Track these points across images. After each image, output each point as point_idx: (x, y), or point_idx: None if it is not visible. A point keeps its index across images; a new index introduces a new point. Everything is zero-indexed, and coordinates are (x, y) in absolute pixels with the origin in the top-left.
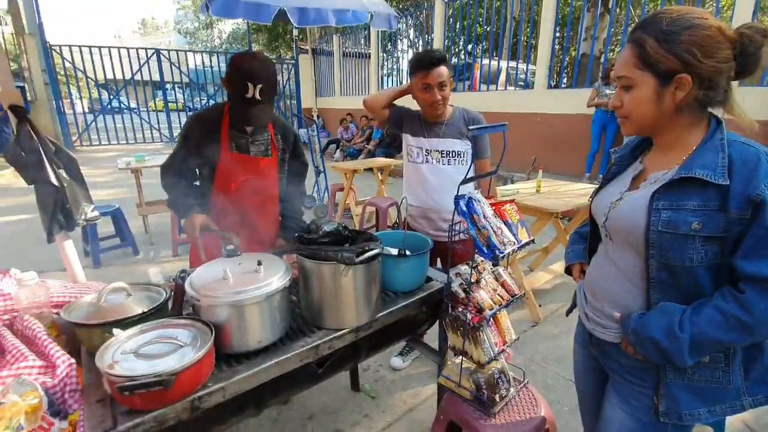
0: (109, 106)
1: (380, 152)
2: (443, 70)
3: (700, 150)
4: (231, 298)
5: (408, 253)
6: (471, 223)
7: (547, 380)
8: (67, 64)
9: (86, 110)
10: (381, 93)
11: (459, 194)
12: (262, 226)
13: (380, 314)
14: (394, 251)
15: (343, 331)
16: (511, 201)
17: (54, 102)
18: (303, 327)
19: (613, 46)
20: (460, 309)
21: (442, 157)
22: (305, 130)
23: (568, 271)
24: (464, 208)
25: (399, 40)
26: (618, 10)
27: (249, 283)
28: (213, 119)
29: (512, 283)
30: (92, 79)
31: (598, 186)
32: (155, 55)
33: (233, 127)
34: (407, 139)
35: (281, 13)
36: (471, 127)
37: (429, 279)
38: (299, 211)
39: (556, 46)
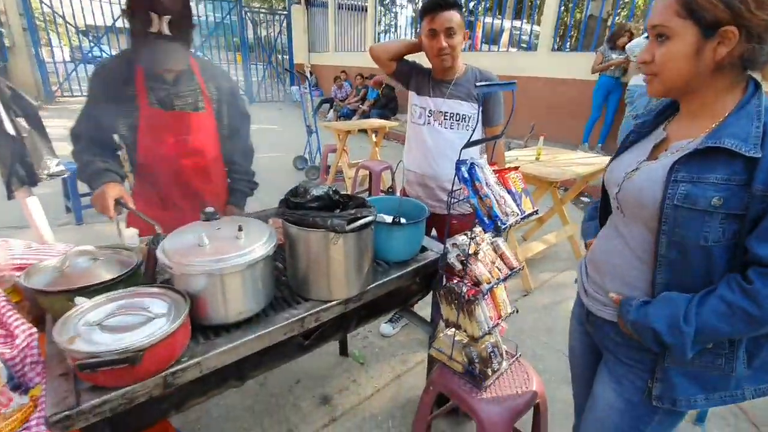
0: (90, 55)
1: (375, 113)
2: (453, 15)
3: (732, 117)
4: (208, 266)
5: (403, 221)
6: (472, 190)
7: (537, 350)
8: (46, 9)
9: (67, 59)
10: (391, 42)
11: (461, 159)
12: (209, 193)
13: (371, 285)
14: (389, 219)
15: (332, 303)
16: (516, 168)
17: (33, 49)
18: (288, 297)
19: (620, 9)
20: (456, 281)
21: (445, 119)
22: (297, 87)
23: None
24: (466, 175)
25: None
26: None
27: (228, 250)
28: (121, 69)
29: (511, 256)
30: (72, 25)
31: (614, 154)
32: None
33: (148, 76)
34: (412, 98)
35: None
36: (478, 84)
37: (424, 249)
38: (248, 172)
39: (562, 7)
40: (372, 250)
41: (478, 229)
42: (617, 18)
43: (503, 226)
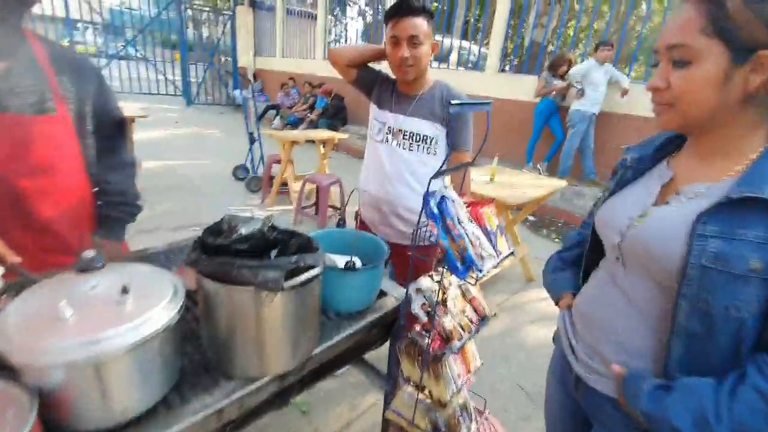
0: None
1: (323, 123)
2: (419, 22)
3: (765, 160)
4: (72, 354)
5: (358, 264)
6: (443, 229)
7: (496, 384)
8: None
9: None
10: (354, 46)
11: (429, 191)
12: (64, 225)
13: (318, 350)
14: (341, 262)
15: (263, 381)
16: (491, 201)
17: None
18: (203, 374)
19: (563, 38)
20: (417, 329)
21: (404, 139)
22: (239, 91)
23: (556, 302)
24: (435, 210)
25: (348, 5)
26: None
27: (106, 323)
28: None
29: (483, 302)
30: None
31: (605, 194)
32: None
33: None
34: (372, 110)
35: None
36: (453, 102)
37: (382, 292)
38: (127, 193)
39: (510, 31)
40: (319, 303)
41: (444, 268)
42: (559, 47)
43: (480, 274)
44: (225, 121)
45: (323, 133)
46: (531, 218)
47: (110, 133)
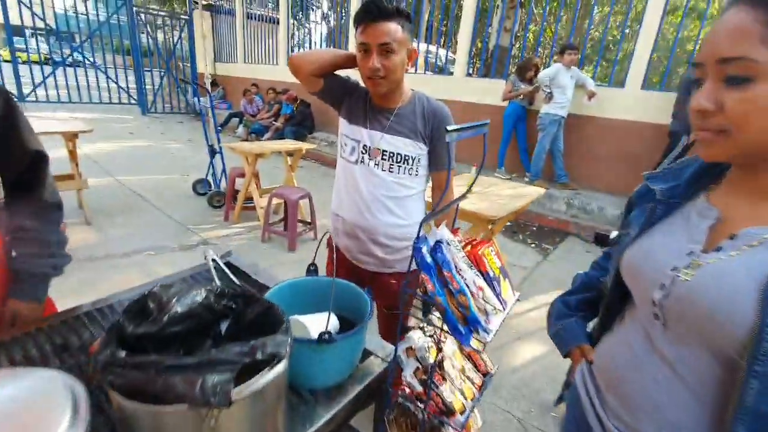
0: None
1: (289, 131)
2: (392, 27)
3: None
4: None
5: (335, 334)
6: (438, 282)
7: (487, 414)
8: None
9: None
10: (318, 51)
11: (420, 235)
12: None
13: None
14: (314, 326)
15: None
16: (490, 240)
17: None
18: None
19: (528, 43)
20: (408, 391)
21: (383, 159)
22: (196, 98)
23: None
24: (428, 259)
25: (311, 10)
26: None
27: None
28: None
29: (485, 356)
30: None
31: (630, 233)
32: None
33: None
34: (342, 126)
35: None
36: (449, 128)
37: (365, 352)
38: (49, 239)
39: (476, 37)
40: (285, 395)
41: (436, 316)
42: (525, 51)
43: (488, 337)
44: (185, 131)
45: (289, 144)
46: (507, 222)
47: (23, 169)
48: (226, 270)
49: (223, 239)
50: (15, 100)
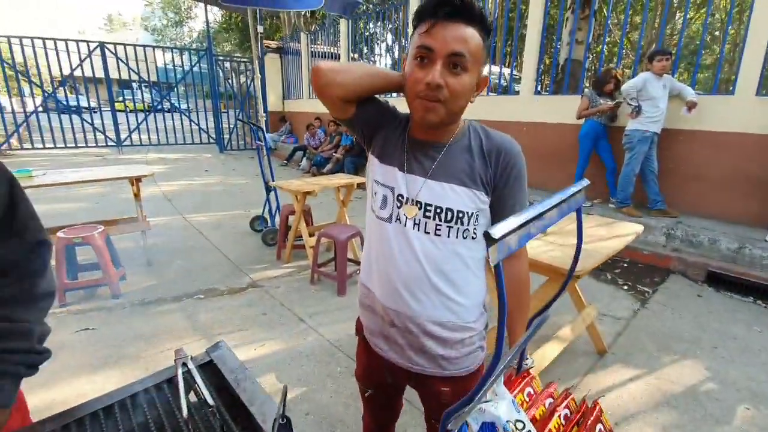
0: (43, 105)
1: (349, 161)
2: (471, 33)
3: None
4: None
5: None
6: None
7: None
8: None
9: (36, 109)
10: (351, 66)
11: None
12: None
13: None
14: None
15: None
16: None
17: None
18: None
19: (606, 55)
20: None
21: (426, 216)
22: (270, 135)
23: None
24: None
25: (376, 44)
26: (600, 14)
27: None
28: None
29: None
30: (23, 75)
31: None
32: (99, 49)
33: None
34: (372, 165)
35: None
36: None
37: None
38: (32, 337)
39: (544, 53)
40: None
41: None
42: (594, 61)
43: None
44: (255, 166)
45: (340, 179)
46: None
47: (20, 257)
48: (201, 386)
49: (272, 281)
50: (19, 185)
